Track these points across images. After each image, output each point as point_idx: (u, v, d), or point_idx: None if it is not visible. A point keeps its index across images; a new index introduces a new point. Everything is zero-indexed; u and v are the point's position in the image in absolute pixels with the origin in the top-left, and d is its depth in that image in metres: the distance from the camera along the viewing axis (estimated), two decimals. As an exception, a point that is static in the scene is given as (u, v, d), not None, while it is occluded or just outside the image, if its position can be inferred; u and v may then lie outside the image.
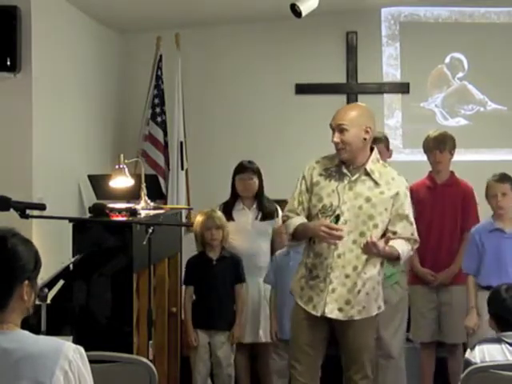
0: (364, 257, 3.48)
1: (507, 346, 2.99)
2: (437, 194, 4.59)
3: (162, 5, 5.59)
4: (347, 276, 3.47)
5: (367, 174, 3.50)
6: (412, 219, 3.57)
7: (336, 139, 3.46)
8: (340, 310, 3.49)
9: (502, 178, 4.22)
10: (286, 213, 3.68)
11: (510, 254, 4.17)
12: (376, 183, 3.50)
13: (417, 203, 4.58)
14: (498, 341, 3.03)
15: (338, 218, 3.41)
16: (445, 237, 4.55)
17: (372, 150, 3.57)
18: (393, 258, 3.50)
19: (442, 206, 4.56)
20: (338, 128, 3.46)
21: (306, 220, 3.57)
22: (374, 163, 3.53)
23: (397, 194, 3.51)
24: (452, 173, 4.66)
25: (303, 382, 3.58)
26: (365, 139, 3.49)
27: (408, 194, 3.60)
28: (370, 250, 3.38)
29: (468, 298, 4.29)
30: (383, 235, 3.52)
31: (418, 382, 4.73)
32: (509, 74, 6.28)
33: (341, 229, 3.37)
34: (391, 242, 3.47)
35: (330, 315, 3.49)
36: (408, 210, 3.56)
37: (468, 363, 2.96)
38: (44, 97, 4.76)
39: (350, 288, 3.48)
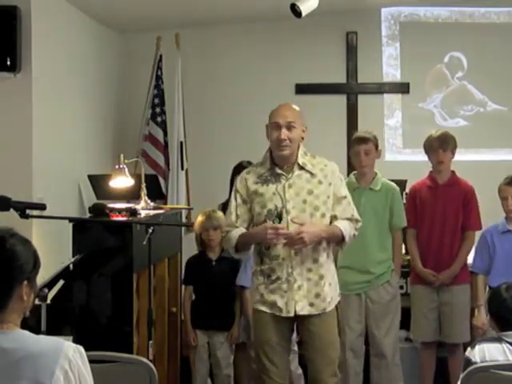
0: (321, 247, 3.48)
1: (508, 345, 2.98)
2: (438, 193, 4.58)
3: (162, 5, 5.59)
4: (310, 270, 3.47)
5: (301, 168, 3.54)
6: (350, 199, 3.60)
7: (284, 136, 3.49)
8: (311, 305, 3.47)
9: None
10: (225, 228, 3.68)
11: None
12: (311, 174, 3.54)
13: (418, 203, 4.60)
14: (499, 340, 3.02)
15: (280, 217, 3.43)
16: (446, 237, 4.54)
17: (298, 146, 3.60)
18: (337, 238, 3.51)
19: (443, 205, 4.55)
20: (288, 125, 3.50)
21: (245, 230, 3.56)
22: (303, 157, 3.57)
23: (332, 178, 3.55)
24: (453, 172, 4.65)
25: (280, 383, 3.53)
26: (302, 138, 3.58)
27: (342, 177, 3.63)
28: (296, 243, 3.37)
29: (476, 297, 4.29)
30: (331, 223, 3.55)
31: (417, 381, 4.72)
32: (509, 73, 6.28)
33: (285, 227, 3.39)
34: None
35: (302, 312, 3.47)
36: (344, 191, 3.58)
37: (468, 361, 2.96)
38: (44, 97, 4.76)
39: (316, 281, 3.48)
